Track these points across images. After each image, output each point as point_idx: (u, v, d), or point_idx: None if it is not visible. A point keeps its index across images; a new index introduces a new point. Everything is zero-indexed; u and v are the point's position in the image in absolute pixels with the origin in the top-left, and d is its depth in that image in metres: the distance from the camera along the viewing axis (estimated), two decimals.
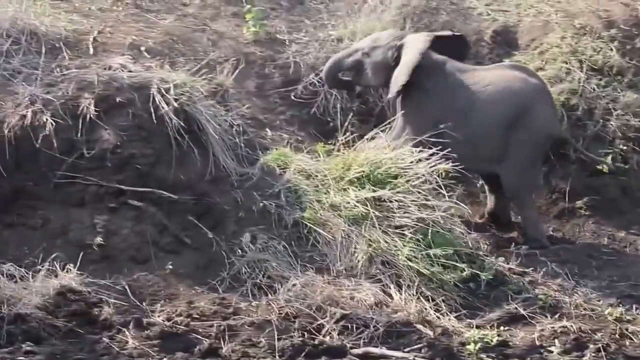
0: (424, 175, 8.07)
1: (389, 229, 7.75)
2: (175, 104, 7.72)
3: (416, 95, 8.83)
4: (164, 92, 7.76)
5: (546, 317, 7.31)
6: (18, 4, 8.60)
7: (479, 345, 6.60)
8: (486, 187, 9.17)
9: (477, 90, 8.77)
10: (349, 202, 7.91)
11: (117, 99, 7.72)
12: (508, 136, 8.64)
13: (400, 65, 8.87)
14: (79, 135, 7.57)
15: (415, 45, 8.87)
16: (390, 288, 7.42)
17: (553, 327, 7.05)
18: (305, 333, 6.67)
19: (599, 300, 7.69)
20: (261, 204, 7.84)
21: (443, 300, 7.41)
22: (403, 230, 7.74)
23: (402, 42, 9.03)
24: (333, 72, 9.27)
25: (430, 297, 7.41)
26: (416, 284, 7.46)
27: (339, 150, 8.46)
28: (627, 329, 7.06)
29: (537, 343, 6.84)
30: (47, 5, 9.05)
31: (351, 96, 9.64)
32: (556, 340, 6.79)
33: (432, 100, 8.80)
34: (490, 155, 8.74)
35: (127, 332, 6.40)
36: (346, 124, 8.69)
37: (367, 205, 7.85)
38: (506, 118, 8.64)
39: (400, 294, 7.37)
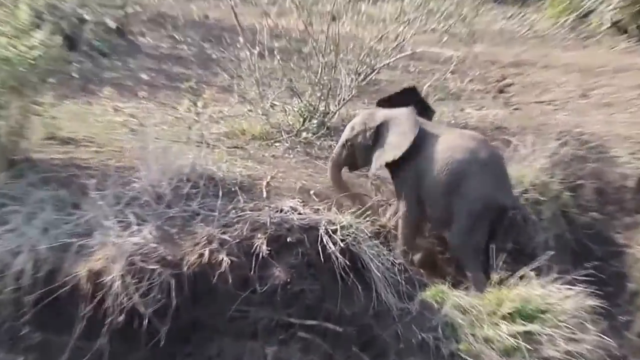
0: (571, 310, 8.34)
1: None
2: (342, 244, 8.18)
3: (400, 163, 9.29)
4: (331, 233, 8.25)
5: None
6: (197, 151, 9.07)
7: None
8: None
9: (429, 155, 9.14)
10: (501, 336, 8.21)
11: (288, 239, 8.25)
12: (450, 203, 8.96)
13: (389, 143, 9.31)
14: (252, 272, 8.07)
15: (402, 128, 9.31)
16: None
17: None
18: None
19: None
20: (420, 337, 8.18)
21: None
22: None
23: (381, 121, 9.44)
24: (335, 173, 9.70)
25: None
26: None
27: (492, 287, 8.70)
28: None
29: None
30: (224, 152, 9.53)
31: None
32: None
33: (407, 166, 9.22)
34: (439, 219, 9.16)
35: None
36: (499, 262, 8.81)
37: (517, 339, 8.16)
38: (445, 185, 9.00)
39: None
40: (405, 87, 10.15)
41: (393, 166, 9.45)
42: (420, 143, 9.22)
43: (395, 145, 9.30)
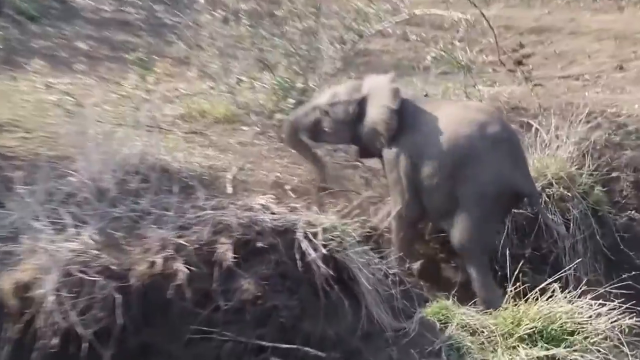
0: (604, 331, 8.35)
1: None
2: (324, 250, 8.11)
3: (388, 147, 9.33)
4: (311, 237, 8.19)
5: None
6: (147, 137, 9.08)
7: None
8: None
9: (426, 132, 9.10)
10: None
11: (258, 244, 8.16)
12: (453, 188, 8.99)
13: (370, 125, 9.36)
14: (214, 285, 7.97)
15: (382, 100, 9.32)
16: None
17: None
18: None
19: None
20: None
21: None
22: None
23: (364, 94, 9.47)
24: (293, 134, 9.76)
25: None
26: None
27: (507, 303, 8.68)
28: None
29: None
30: (180, 139, 9.61)
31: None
32: None
33: (398, 146, 9.26)
34: (440, 209, 9.16)
35: None
36: (516, 272, 8.59)
37: None
38: (447, 166, 9.03)
39: None
40: None
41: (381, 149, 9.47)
42: (414, 117, 9.26)
43: (380, 121, 9.35)
